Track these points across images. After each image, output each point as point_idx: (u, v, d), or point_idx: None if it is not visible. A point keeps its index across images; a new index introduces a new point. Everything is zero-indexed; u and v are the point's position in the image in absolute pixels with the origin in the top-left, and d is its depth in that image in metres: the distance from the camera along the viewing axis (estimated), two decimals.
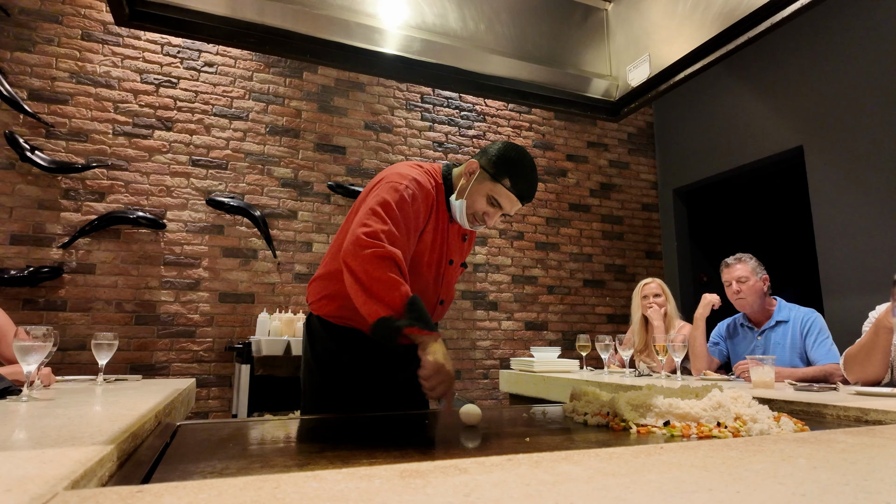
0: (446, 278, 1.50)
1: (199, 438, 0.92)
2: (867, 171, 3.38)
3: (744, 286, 2.37)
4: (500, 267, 4.35)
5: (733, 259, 2.45)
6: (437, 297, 1.50)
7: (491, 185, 1.37)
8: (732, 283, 2.40)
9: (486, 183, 1.38)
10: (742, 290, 2.37)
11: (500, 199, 1.38)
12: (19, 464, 0.56)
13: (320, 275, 1.45)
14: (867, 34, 3.44)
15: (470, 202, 1.40)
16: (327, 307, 1.43)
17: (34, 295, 3.14)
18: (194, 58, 3.71)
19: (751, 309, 2.40)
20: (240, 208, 3.60)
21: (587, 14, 1.70)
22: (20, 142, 3.17)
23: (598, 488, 0.47)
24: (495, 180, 1.36)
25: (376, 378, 1.44)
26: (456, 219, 1.43)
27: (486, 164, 1.39)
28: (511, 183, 1.36)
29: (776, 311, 2.38)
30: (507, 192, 1.36)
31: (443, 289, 1.50)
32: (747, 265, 2.39)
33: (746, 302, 2.38)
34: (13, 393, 1.24)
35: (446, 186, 1.46)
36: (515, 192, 1.36)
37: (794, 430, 0.90)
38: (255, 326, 3.40)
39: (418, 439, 0.87)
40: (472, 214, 1.41)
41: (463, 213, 1.40)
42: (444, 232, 1.45)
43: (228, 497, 0.43)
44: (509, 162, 1.37)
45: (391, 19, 1.42)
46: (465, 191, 1.40)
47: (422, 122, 4.30)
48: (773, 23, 1.25)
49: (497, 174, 1.36)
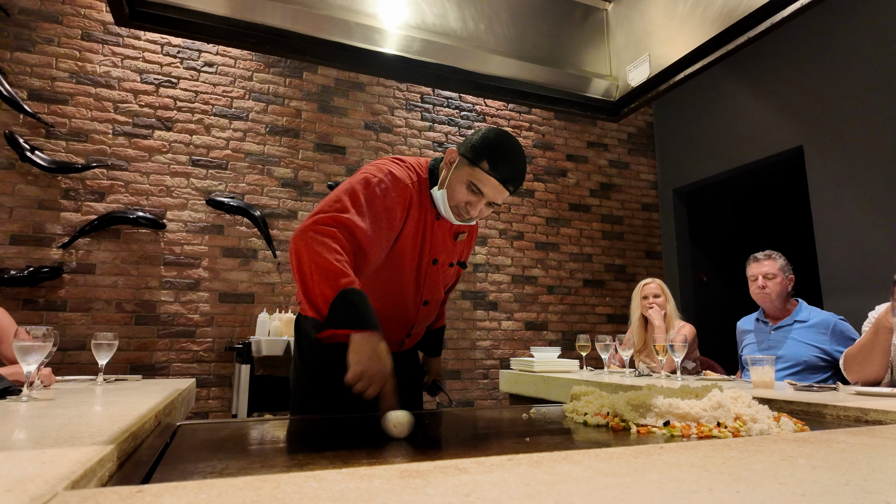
0: (430, 278, 1.43)
1: (199, 438, 0.91)
2: (867, 171, 3.38)
3: (770, 283, 2.36)
4: (500, 267, 4.35)
5: (763, 255, 2.43)
6: (420, 298, 1.44)
7: (470, 171, 1.29)
8: (759, 277, 2.39)
9: (465, 169, 1.30)
10: (767, 286, 2.36)
11: (480, 184, 1.28)
12: (19, 464, 0.56)
13: None
14: (867, 34, 3.44)
15: (450, 192, 1.32)
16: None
17: (34, 295, 3.14)
18: (194, 58, 3.71)
19: (771, 305, 2.40)
20: (240, 208, 3.60)
21: (587, 14, 1.70)
22: (20, 142, 3.17)
23: (598, 488, 0.47)
24: (473, 164, 1.28)
25: None
26: (441, 213, 1.37)
27: (465, 149, 1.32)
28: (490, 165, 1.27)
29: (796, 311, 2.37)
30: (487, 176, 1.27)
31: (426, 289, 1.44)
32: (776, 263, 2.38)
33: (769, 298, 2.37)
34: (13, 393, 1.24)
35: (431, 180, 1.39)
36: (496, 176, 1.27)
37: (794, 430, 0.90)
38: (255, 326, 3.40)
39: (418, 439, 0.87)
40: (455, 206, 1.33)
41: (446, 205, 1.33)
42: (426, 229, 1.39)
43: (228, 497, 0.43)
44: (488, 144, 1.28)
45: (391, 19, 1.42)
46: (446, 181, 1.33)
47: (422, 122, 4.30)
48: (773, 23, 1.25)
49: (475, 158, 1.28)
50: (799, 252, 4.52)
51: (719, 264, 4.83)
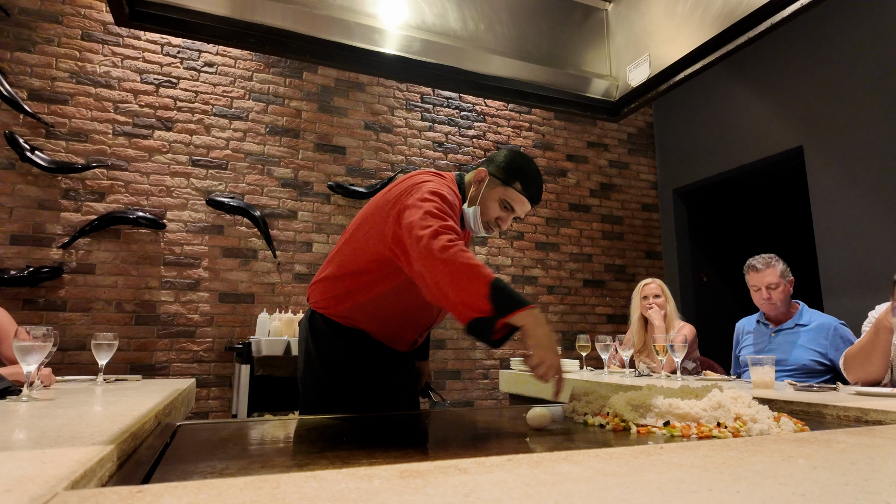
0: None
1: (199, 438, 0.91)
2: (867, 171, 3.38)
3: (773, 292, 2.32)
4: (500, 267, 4.35)
5: (762, 263, 2.36)
6: None
7: (503, 190, 1.43)
8: (762, 288, 2.33)
9: (498, 188, 1.44)
10: (773, 297, 2.32)
11: (513, 202, 1.44)
12: (19, 464, 0.56)
13: (329, 276, 1.43)
14: (867, 34, 3.44)
15: (483, 209, 1.45)
16: (336, 308, 1.42)
17: (34, 295, 3.14)
18: (194, 58, 3.71)
19: (776, 313, 2.37)
20: (240, 208, 3.60)
21: (587, 14, 1.70)
22: (20, 142, 3.17)
23: (598, 488, 0.47)
24: (507, 185, 1.43)
25: (381, 379, 1.44)
26: (469, 226, 1.47)
27: (496, 170, 1.45)
28: (522, 186, 1.42)
29: (797, 315, 2.34)
30: (519, 196, 1.43)
31: None
32: (776, 270, 2.33)
33: (774, 307, 2.34)
34: (13, 393, 1.24)
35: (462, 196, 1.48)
36: (527, 195, 1.43)
37: (794, 431, 0.90)
38: (255, 326, 3.40)
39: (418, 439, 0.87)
40: (486, 221, 1.46)
41: (478, 220, 1.45)
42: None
43: (228, 497, 0.43)
44: (519, 167, 1.44)
45: (391, 19, 1.42)
46: (477, 198, 1.45)
47: (422, 122, 4.30)
48: (773, 23, 1.25)
49: (508, 179, 1.43)
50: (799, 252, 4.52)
51: (719, 264, 4.83)
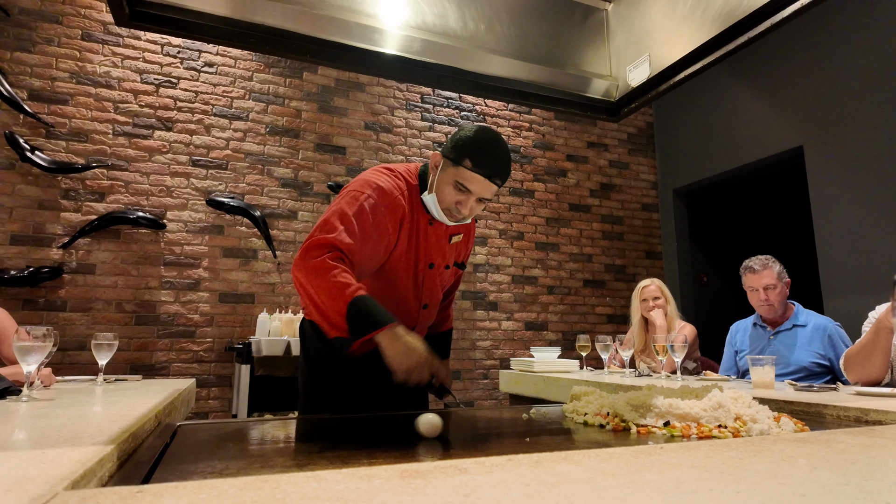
0: (428, 282, 1.45)
1: (199, 439, 0.91)
2: (867, 171, 3.38)
3: (771, 294, 2.32)
4: (500, 267, 4.35)
5: (759, 265, 2.35)
6: (419, 302, 1.46)
7: (454, 171, 1.31)
8: (760, 290, 2.33)
9: (450, 170, 1.32)
10: (770, 298, 2.32)
11: (466, 182, 1.30)
12: (19, 464, 0.56)
13: None
14: (867, 34, 3.44)
15: (439, 195, 1.34)
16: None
17: (34, 295, 3.14)
18: (194, 58, 3.71)
19: (774, 315, 2.37)
20: (240, 208, 3.60)
21: (587, 14, 1.70)
22: (20, 142, 3.17)
23: (598, 488, 0.47)
24: (457, 164, 1.30)
25: (369, 380, 1.43)
26: (434, 216, 1.39)
27: (447, 150, 1.33)
28: (473, 163, 1.28)
29: (793, 316, 2.35)
30: (472, 174, 1.29)
31: (424, 293, 1.46)
32: (773, 271, 2.32)
33: (773, 309, 2.34)
34: (13, 393, 1.24)
35: (422, 185, 1.41)
36: (481, 172, 1.28)
37: (794, 431, 0.90)
38: (255, 326, 3.40)
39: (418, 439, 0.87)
40: (446, 208, 1.35)
41: (437, 208, 1.35)
42: (420, 235, 1.41)
43: (228, 497, 0.43)
44: (467, 142, 1.30)
45: (391, 19, 1.42)
46: (433, 185, 1.36)
47: (422, 122, 4.30)
48: (773, 23, 1.25)
49: (457, 157, 1.30)
50: (799, 252, 4.52)
51: (719, 264, 4.83)
